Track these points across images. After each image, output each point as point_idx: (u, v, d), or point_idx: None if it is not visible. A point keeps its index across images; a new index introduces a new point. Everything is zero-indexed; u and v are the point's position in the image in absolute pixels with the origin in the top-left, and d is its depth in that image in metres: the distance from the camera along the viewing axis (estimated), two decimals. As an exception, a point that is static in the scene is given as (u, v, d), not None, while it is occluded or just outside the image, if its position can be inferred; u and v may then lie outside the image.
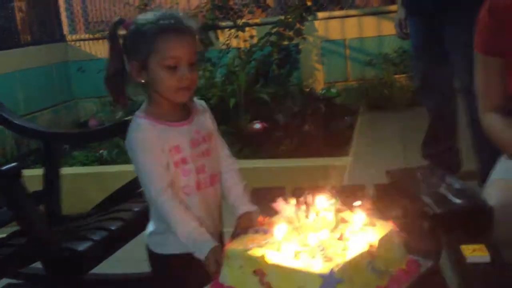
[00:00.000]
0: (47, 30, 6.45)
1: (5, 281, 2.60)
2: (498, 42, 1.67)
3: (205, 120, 1.58)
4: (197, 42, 1.47)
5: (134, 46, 1.45)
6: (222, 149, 1.62)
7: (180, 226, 1.42)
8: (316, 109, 5.10)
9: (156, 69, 1.42)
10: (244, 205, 1.54)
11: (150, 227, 1.57)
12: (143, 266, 1.79)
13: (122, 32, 1.50)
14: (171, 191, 1.44)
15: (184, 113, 1.52)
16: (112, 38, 1.50)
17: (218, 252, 1.33)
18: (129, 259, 2.06)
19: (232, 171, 1.62)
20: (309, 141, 4.39)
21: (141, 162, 1.45)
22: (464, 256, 1.25)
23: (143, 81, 1.46)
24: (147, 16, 1.45)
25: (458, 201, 1.48)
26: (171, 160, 1.46)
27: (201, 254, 1.37)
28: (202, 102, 1.61)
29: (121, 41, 1.50)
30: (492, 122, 1.72)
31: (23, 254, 2.07)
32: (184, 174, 1.47)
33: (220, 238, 1.56)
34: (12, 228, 2.25)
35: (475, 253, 1.25)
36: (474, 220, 1.42)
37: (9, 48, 5.71)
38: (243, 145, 4.47)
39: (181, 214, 1.42)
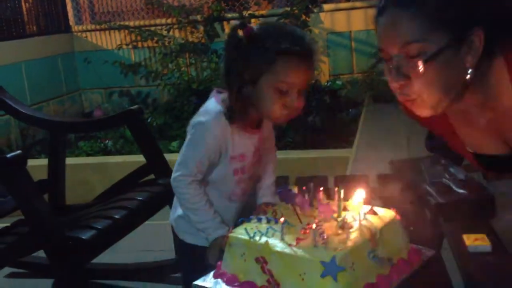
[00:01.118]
0: (53, 20, 6.46)
1: (9, 269, 2.62)
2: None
3: (268, 125, 1.55)
4: (314, 66, 1.40)
5: (250, 56, 1.36)
6: (272, 148, 1.63)
7: (200, 213, 1.44)
8: (321, 101, 5.09)
9: (266, 89, 1.36)
10: (267, 197, 1.57)
11: (177, 210, 1.56)
12: (144, 257, 1.80)
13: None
14: (199, 181, 1.44)
15: (260, 123, 1.49)
16: (230, 42, 1.41)
17: (224, 241, 1.31)
18: (129, 249, 2.07)
19: (271, 163, 1.62)
20: (314, 133, 4.39)
21: (198, 146, 1.42)
22: (466, 245, 1.25)
23: (247, 91, 1.39)
24: (271, 28, 1.38)
25: (460, 191, 1.48)
26: (231, 166, 1.45)
27: (213, 235, 1.42)
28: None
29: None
30: None
31: (27, 242, 2.09)
32: (238, 182, 1.49)
33: None
34: (15, 217, 2.27)
35: (476, 242, 1.26)
36: (476, 210, 1.43)
37: (15, 38, 5.72)
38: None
39: (202, 203, 1.44)
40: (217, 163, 1.46)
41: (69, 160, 2.59)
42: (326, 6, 5.92)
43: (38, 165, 2.71)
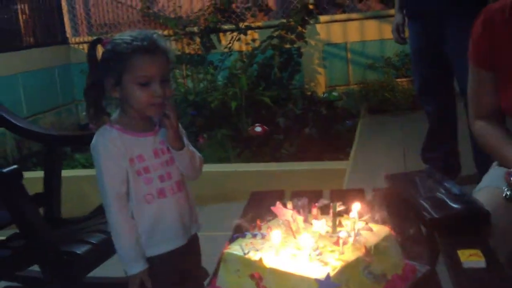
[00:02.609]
0: (50, 32, 6.48)
1: (3, 283, 2.61)
2: (490, 56, 1.67)
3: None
4: (169, 61, 1.55)
5: (109, 63, 1.53)
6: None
7: (121, 241, 1.54)
8: (317, 113, 5.11)
9: (129, 86, 1.51)
10: None
11: None
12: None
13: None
14: (121, 203, 1.53)
15: (151, 124, 1.59)
16: (90, 54, 1.59)
17: (145, 275, 1.53)
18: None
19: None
20: (310, 145, 4.40)
21: (101, 169, 1.53)
22: (460, 261, 1.25)
23: (117, 95, 1.55)
24: (123, 37, 1.53)
25: (455, 206, 1.47)
26: (133, 169, 1.53)
27: (130, 271, 1.53)
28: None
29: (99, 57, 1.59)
30: (481, 130, 1.72)
31: (22, 256, 2.08)
32: (146, 182, 1.54)
33: (192, 241, 1.65)
34: (10, 231, 2.26)
35: (471, 258, 1.25)
36: (471, 225, 1.43)
37: (12, 50, 5.73)
38: (244, 148, 4.49)
39: (125, 230, 1.53)
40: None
41: (65, 172, 2.58)
42: (322, 18, 5.95)
43: (33, 178, 2.70)
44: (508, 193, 1.52)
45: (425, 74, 3.25)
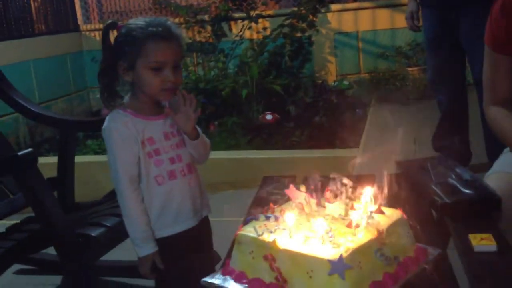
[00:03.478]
0: (62, 19, 6.50)
1: (18, 266, 2.65)
2: (508, 41, 1.67)
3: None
4: (182, 48, 1.59)
5: (123, 48, 1.56)
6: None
7: (133, 223, 1.57)
8: (328, 101, 5.10)
9: (142, 70, 1.54)
10: None
11: None
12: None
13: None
14: (133, 186, 1.56)
15: (161, 107, 1.62)
16: (104, 38, 1.62)
17: (157, 257, 1.57)
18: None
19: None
20: (320, 133, 4.40)
21: (113, 152, 1.56)
22: (472, 245, 1.26)
23: (129, 79, 1.58)
24: (138, 22, 1.56)
25: (467, 191, 1.49)
26: (144, 151, 1.56)
27: (141, 253, 1.57)
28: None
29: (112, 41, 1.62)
30: (495, 115, 1.73)
31: (37, 239, 2.11)
32: (157, 164, 1.58)
33: (203, 224, 1.69)
34: (25, 214, 2.29)
35: (482, 242, 1.27)
36: (482, 210, 1.44)
37: (24, 37, 5.76)
38: (255, 135, 4.50)
39: (137, 213, 1.56)
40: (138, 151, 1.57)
41: (77, 158, 2.60)
42: (333, 7, 5.93)
43: (47, 163, 2.72)
44: None
45: (439, 63, 3.25)
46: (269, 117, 4.67)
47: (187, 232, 1.63)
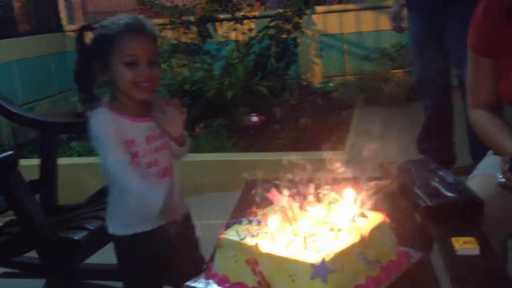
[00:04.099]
0: (45, 20, 6.44)
1: (0, 269, 2.61)
2: (491, 44, 1.68)
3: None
4: (156, 44, 1.60)
5: (98, 47, 1.57)
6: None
7: (135, 181, 1.55)
8: (313, 103, 5.11)
9: (116, 66, 1.54)
10: None
11: (110, 210, 1.69)
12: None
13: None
14: (129, 168, 1.55)
15: (145, 109, 1.61)
16: (79, 39, 1.62)
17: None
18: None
19: None
20: (306, 135, 4.40)
21: (102, 141, 1.56)
22: (454, 249, 1.27)
23: (106, 79, 1.58)
24: (112, 19, 1.58)
25: (449, 194, 1.49)
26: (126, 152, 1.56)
27: (157, 202, 1.55)
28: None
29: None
30: (478, 118, 1.74)
31: (18, 243, 2.09)
32: (133, 165, 1.58)
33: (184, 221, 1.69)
34: (7, 217, 2.26)
35: (465, 245, 1.27)
36: (465, 213, 1.44)
37: (7, 37, 5.69)
38: (240, 137, 4.49)
39: (135, 174, 1.55)
40: None
41: (61, 160, 2.58)
42: (318, 8, 5.94)
43: (30, 165, 2.69)
44: (503, 180, 1.54)
45: (425, 66, 3.26)
46: (254, 119, 4.66)
47: (156, 230, 1.64)
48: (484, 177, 1.67)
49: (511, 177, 1.46)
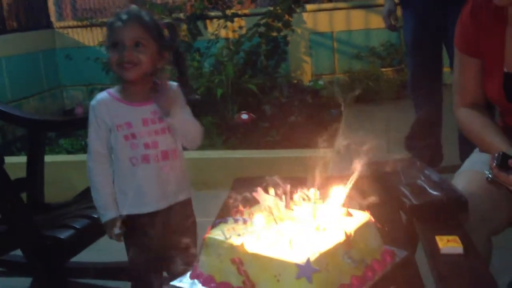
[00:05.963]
0: (34, 16, 6.40)
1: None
2: (477, 44, 1.69)
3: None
4: (144, 28, 1.68)
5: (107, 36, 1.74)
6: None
7: (95, 193, 1.73)
8: (303, 101, 5.12)
9: (109, 50, 1.70)
10: None
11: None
12: (125, 256, 1.82)
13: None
14: (100, 159, 1.72)
15: (147, 95, 1.70)
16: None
17: (118, 223, 1.70)
18: (109, 248, 2.08)
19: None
20: (295, 132, 4.41)
21: (89, 129, 1.73)
22: (438, 247, 1.27)
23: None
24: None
25: (435, 193, 1.50)
26: (121, 133, 1.69)
27: (104, 218, 1.73)
28: (174, 86, 1.78)
29: None
30: (465, 117, 1.75)
31: (4, 241, 2.07)
32: (132, 147, 1.70)
33: (176, 210, 1.78)
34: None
35: (449, 244, 1.28)
36: (450, 212, 1.45)
37: (-4, 34, 5.67)
38: (230, 135, 4.49)
39: (99, 184, 1.72)
40: (110, 133, 1.71)
41: (49, 158, 2.57)
42: (309, 7, 5.95)
43: (17, 163, 2.68)
44: (490, 175, 1.55)
45: (420, 66, 3.25)
46: (244, 116, 4.66)
47: (154, 214, 1.73)
48: (470, 173, 1.68)
49: (499, 173, 1.47)
